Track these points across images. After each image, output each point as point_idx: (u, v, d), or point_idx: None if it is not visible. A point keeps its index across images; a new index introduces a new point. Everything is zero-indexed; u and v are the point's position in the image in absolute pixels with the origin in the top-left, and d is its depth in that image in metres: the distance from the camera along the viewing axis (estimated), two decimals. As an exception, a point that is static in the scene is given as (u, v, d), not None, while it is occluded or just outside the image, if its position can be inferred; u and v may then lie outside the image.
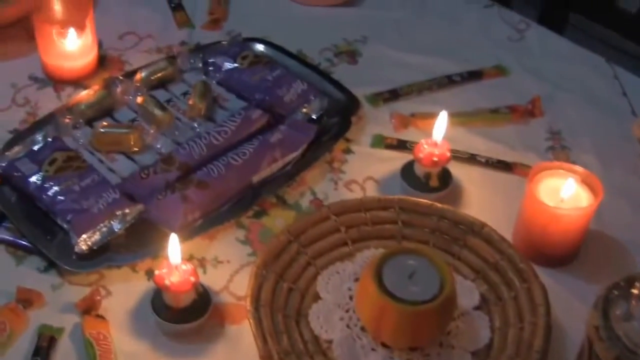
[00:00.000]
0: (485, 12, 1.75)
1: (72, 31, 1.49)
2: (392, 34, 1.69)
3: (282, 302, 1.19)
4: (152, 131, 1.40)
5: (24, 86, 1.53)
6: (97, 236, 1.25)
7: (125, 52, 1.61)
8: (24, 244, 1.28)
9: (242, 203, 1.33)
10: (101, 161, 1.37)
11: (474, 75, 1.60)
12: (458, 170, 1.40)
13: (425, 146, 1.35)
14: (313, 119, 1.46)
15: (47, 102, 1.50)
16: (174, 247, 1.16)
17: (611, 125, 1.52)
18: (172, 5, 1.72)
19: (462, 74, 1.59)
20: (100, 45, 1.57)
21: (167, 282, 1.15)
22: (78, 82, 1.53)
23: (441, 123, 1.36)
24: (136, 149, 1.39)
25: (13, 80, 1.54)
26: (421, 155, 1.34)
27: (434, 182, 1.36)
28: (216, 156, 1.36)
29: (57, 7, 1.52)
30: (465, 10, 1.76)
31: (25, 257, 1.27)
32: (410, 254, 1.15)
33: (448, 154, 1.35)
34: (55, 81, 1.54)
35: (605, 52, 1.70)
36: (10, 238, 1.28)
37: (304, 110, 1.46)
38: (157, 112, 1.42)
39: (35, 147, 1.36)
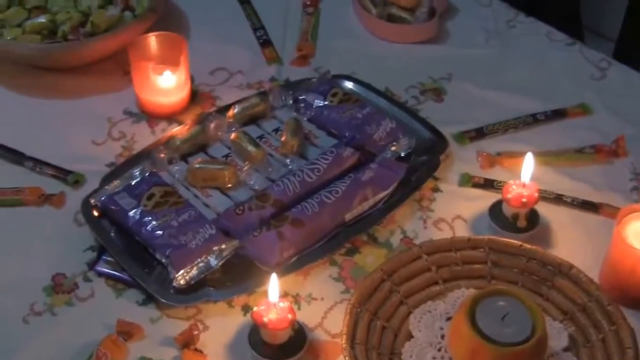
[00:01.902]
0: (568, 49, 1.76)
1: (167, 68, 1.53)
2: (477, 71, 1.70)
3: (376, 340, 1.21)
4: (245, 167, 1.42)
5: (119, 120, 1.57)
6: (194, 271, 1.27)
7: (216, 87, 1.64)
8: (124, 277, 1.30)
9: (334, 241, 1.35)
10: (196, 196, 1.39)
11: (558, 114, 1.60)
12: (544, 210, 1.41)
13: (514, 187, 1.36)
14: (402, 156, 1.47)
15: (142, 136, 1.53)
16: (274, 286, 1.19)
17: (696, 166, 1.52)
18: (261, 41, 1.75)
19: (546, 112, 1.60)
20: (192, 80, 1.60)
21: (265, 319, 1.17)
22: (171, 117, 1.56)
23: (528, 164, 1.37)
24: (230, 185, 1.40)
25: (109, 115, 1.57)
26: (509, 196, 1.35)
27: (521, 223, 1.37)
28: (309, 193, 1.37)
29: (153, 44, 1.56)
30: (549, 49, 1.76)
31: (124, 289, 1.30)
32: (502, 295, 1.17)
33: (536, 195, 1.36)
34: (150, 116, 1.57)
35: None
36: (110, 271, 1.31)
37: (393, 148, 1.46)
38: (251, 148, 1.44)
39: (133, 182, 1.38)
